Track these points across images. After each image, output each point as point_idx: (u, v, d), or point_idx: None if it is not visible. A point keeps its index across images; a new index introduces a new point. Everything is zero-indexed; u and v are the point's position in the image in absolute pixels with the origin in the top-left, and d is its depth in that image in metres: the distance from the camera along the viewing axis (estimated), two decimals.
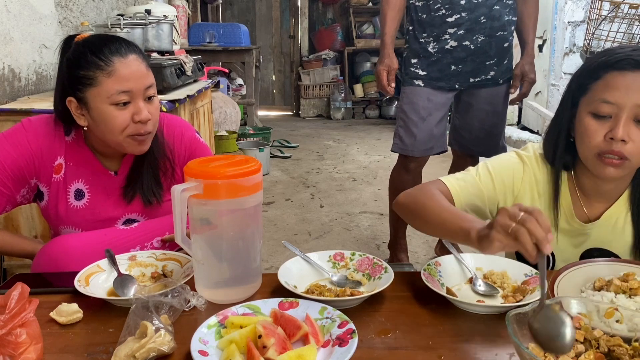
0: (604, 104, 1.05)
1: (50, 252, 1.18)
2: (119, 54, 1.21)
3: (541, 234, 0.81)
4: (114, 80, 1.19)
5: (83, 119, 1.25)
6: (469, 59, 2.22)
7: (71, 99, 1.23)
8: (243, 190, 0.95)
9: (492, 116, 2.34)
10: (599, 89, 1.07)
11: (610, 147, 1.05)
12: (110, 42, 1.23)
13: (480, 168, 1.24)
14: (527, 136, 5.14)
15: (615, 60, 1.06)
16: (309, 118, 7.44)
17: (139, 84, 1.22)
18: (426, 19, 2.21)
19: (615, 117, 1.05)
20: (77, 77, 1.21)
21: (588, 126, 1.08)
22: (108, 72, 1.19)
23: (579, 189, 1.19)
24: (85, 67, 1.20)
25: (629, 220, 1.17)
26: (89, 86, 1.20)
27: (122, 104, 1.21)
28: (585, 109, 1.09)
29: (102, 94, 1.20)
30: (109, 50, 1.21)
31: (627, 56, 1.05)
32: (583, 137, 1.10)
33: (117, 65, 1.20)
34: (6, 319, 0.77)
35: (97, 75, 1.20)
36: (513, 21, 2.25)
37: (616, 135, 1.04)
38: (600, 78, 1.07)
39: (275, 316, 0.89)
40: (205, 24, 5.79)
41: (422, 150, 2.33)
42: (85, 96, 1.22)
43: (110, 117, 1.21)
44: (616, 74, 1.05)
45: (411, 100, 2.29)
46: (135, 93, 1.22)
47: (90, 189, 1.33)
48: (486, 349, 0.87)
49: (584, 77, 1.12)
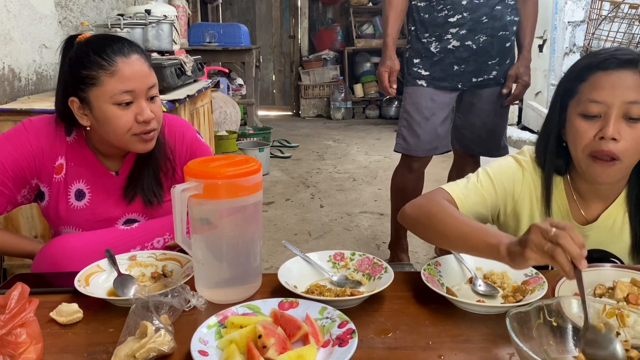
0: (592, 104, 1.06)
1: (50, 252, 1.18)
2: (122, 53, 1.21)
3: (576, 251, 0.80)
4: (117, 80, 1.19)
5: (86, 119, 1.25)
6: (472, 58, 2.22)
7: (73, 99, 1.23)
8: (243, 190, 0.95)
9: (494, 116, 2.35)
10: (586, 90, 1.07)
11: (600, 147, 1.05)
12: (113, 42, 1.23)
13: (480, 174, 1.23)
14: (527, 136, 5.14)
15: (599, 60, 1.07)
16: (309, 118, 7.44)
17: (141, 84, 1.22)
18: (428, 19, 2.22)
19: (604, 115, 1.05)
20: (80, 77, 1.21)
21: (578, 127, 1.08)
22: (111, 72, 1.19)
23: (575, 191, 1.19)
24: (88, 66, 1.20)
25: (626, 221, 1.17)
26: (92, 86, 1.20)
27: (124, 103, 1.21)
28: (574, 111, 1.10)
29: (105, 94, 1.20)
30: (111, 50, 1.20)
31: (610, 56, 1.06)
32: (574, 138, 1.10)
33: (120, 65, 1.20)
34: (6, 319, 0.77)
35: (100, 75, 1.19)
36: (515, 21, 2.25)
37: (606, 134, 1.04)
38: (586, 80, 1.08)
39: (275, 316, 0.89)
40: (205, 24, 5.79)
41: (426, 150, 2.33)
42: (87, 96, 1.21)
43: (113, 117, 1.21)
44: (601, 73, 1.06)
45: (414, 100, 2.30)
46: (137, 93, 1.22)
47: (91, 189, 1.33)
48: (486, 349, 0.87)
49: (570, 81, 1.12)
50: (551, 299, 0.82)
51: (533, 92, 5.33)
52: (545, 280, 1.01)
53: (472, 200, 1.18)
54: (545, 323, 0.81)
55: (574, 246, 0.81)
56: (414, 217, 1.16)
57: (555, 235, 0.82)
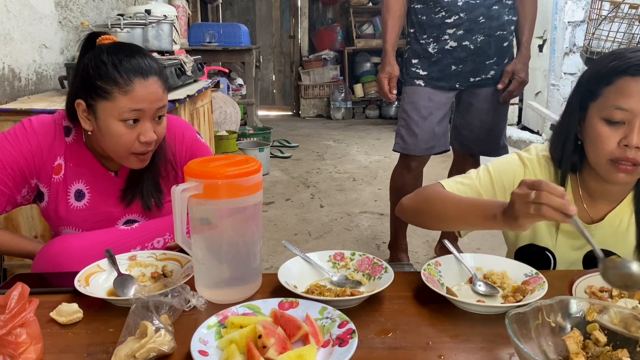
0: (618, 111, 1.04)
1: (50, 252, 1.18)
2: (141, 74, 1.19)
3: (559, 202, 0.87)
4: (129, 99, 1.18)
5: (89, 124, 1.24)
6: (469, 58, 2.23)
7: (80, 102, 1.22)
8: (243, 190, 0.95)
9: (492, 115, 2.35)
10: (612, 95, 1.05)
11: (624, 154, 1.04)
12: (134, 57, 1.20)
13: (481, 171, 1.23)
14: (527, 136, 5.14)
15: (627, 65, 1.04)
16: (309, 118, 7.44)
17: (152, 105, 1.21)
18: (426, 21, 2.23)
19: (629, 123, 1.04)
20: (93, 86, 1.19)
21: (601, 132, 1.06)
22: (125, 91, 1.18)
23: (583, 190, 1.19)
24: (104, 78, 1.18)
25: (632, 222, 1.17)
26: (103, 99, 1.19)
27: (131, 121, 1.20)
28: (596, 115, 1.08)
29: (114, 110, 1.19)
30: (131, 67, 1.18)
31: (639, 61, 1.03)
32: (596, 143, 1.08)
33: (136, 86, 1.18)
34: (6, 319, 0.77)
35: (113, 90, 1.18)
36: (513, 21, 2.25)
37: (631, 143, 1.02)
38: (612, 84, 1.05)
39: (275, 316, 0.89)
40: (205, 24, 5.79)
41: (423, 149, 2.33)
42: (96, 105, 1.20)
43: (116, 133, 1.20)
44: (629, 79, 1.03)
45: (412, 99, 2.31)
46: (146, 113, 1.21)
47: (91, 190, 1.33)
48: (486, 349, 0.87)
49: (594, 82, 1.10)
50: (550, 299, 0.82)
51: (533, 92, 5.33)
52: (545, 280, 1.01)
53: (467, 194, 1.19)
54: (545, 324, 0.81)
55: (555, 199, 0.87)
56: (412, 207, 1.18)
57: (536, 196, 0.88)
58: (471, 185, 1.20)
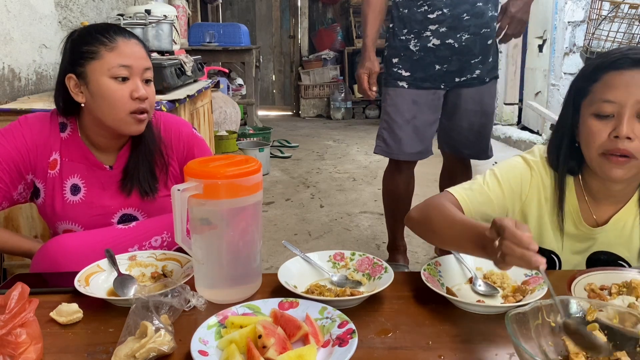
0: (606, 104, 1.05)
1: (48, 251, 1.18)
2: (123, 35, 1.28)
3: (520, 254, 0.84)
4: (116, 55, 1.24)
5: (81, 96, 1.27)
6: (454, 58, 2.15)
7: (71, 75, 1.26)
8: (243, 190, 0.95)
9: (480, 116, 2.27)
10: (599, 90, 1.07)
11: (615, 146, 1.05)
12: (115, 27, 1.30)
13: (487, 175, 1.22)
14: (527, 136, 5.14)
15: (611, 60, 1.07)
16: (309, 118, 7.44)
17: (138, 63, 1.27)
18: (407, 15, 2.14)
19: (617, 115, 1.05)
20: (80, 52, 1.25)
21: (591, 127, 1.08)
22: (111, 47, 1.25)
23: (587, 193, 1.18)
24: (89, 42, 1.25)
25: (637, 224, 1.17)
26: (91, 60, 1.24)
27: (121, 78, 1.25)
28: (587, 112, 1.09)
29: (103, 67, 1.24)
30: (113, 31, 1.27)
31: (623, 55, 1.06)
32: (587, 138, 1.09)
33: (120, 43, 1.26)
34: (6, 319, 0.77)
35: (100, 49, 1.24)
36: (495, 17, 2.16)
37: (621, 133, 1.03)
38: (599, 80, 1.08)
39: (275, 316, 0.89)
40: (205, 24, 5.79)
41: (408, 154, 2.26)
42: (85, 70, 1.25)
43: (109, 90, 1.24)
44: (614, 73, 1.06)
45: (395, 102, 2.22)
46: (134, 70, 1.26)
47: (86, 184, 1.34)
48: (486, 349, 0.87)
49: (582, 81, 1.12)
50: (550, 300, 0.82)
51: (533, 92, 5.34)
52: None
53: (477, 201, 1.18)
54: (545, 324, 0.81)
55: (517, 250, 0.84)
56: (417, 222, 1.17)
57: (499, 244, 0.87)
58: (481, 192, 1.19)
